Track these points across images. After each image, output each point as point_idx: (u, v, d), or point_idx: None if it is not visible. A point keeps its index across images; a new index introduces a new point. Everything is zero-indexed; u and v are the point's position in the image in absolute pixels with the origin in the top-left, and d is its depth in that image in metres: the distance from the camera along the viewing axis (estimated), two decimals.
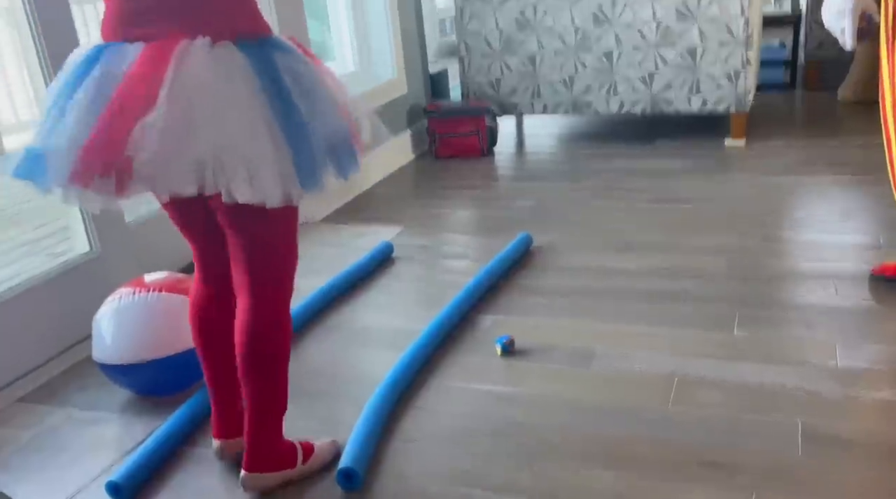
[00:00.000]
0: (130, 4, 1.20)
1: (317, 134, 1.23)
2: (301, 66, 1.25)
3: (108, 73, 1.16)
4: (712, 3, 3.27)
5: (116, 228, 2.19)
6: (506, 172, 3.58)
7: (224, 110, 1.14)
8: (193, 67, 1.13)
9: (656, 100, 3.50)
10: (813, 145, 3.38)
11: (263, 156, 1.16)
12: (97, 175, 1.12)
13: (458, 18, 3.73)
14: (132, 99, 1.11)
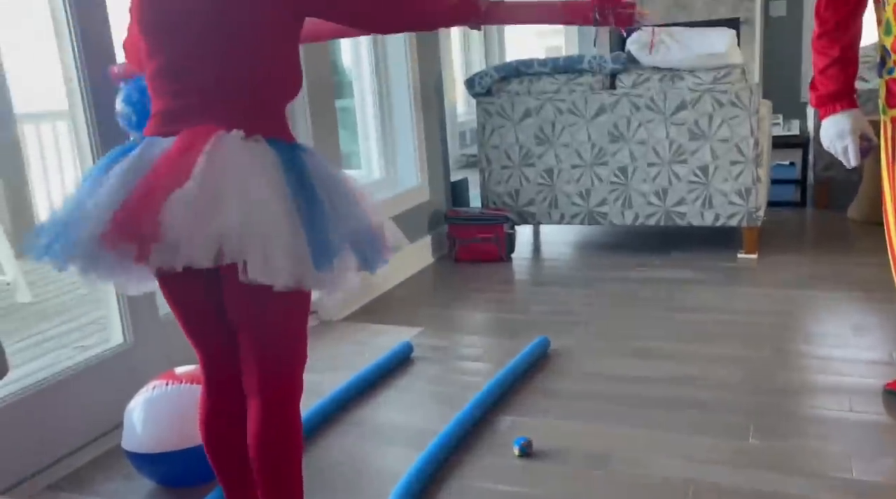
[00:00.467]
0: (176, 103, 1.32)
1: (338, 225, 1.29)
2: (327, 168, 1.35)
3: (144, 156, 1.26)
4: (723, 124, 3.45)
5: (150, 322, 2.28)
6: (523, 277, 3.68)
7: (249, 190, 1.21)
8: (225, 151, 1.23)
9: (670, 213, 3.63)
10: (824, 262, 3.46)
11: (280, 235, 1.21)
12: (122, 240, 1.17)
13: (479, 133, 3.93)
14: (165, 175, 1.19)
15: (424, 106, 3.86)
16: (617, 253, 3.89)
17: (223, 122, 1.27)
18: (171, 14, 1.32)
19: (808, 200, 4.51)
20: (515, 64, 3.86)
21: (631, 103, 3.60)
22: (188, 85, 1.32)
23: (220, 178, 1.19)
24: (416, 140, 3.81)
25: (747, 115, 3.41)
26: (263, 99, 1.34)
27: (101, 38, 2.12)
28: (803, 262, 3.49)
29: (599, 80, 3.69)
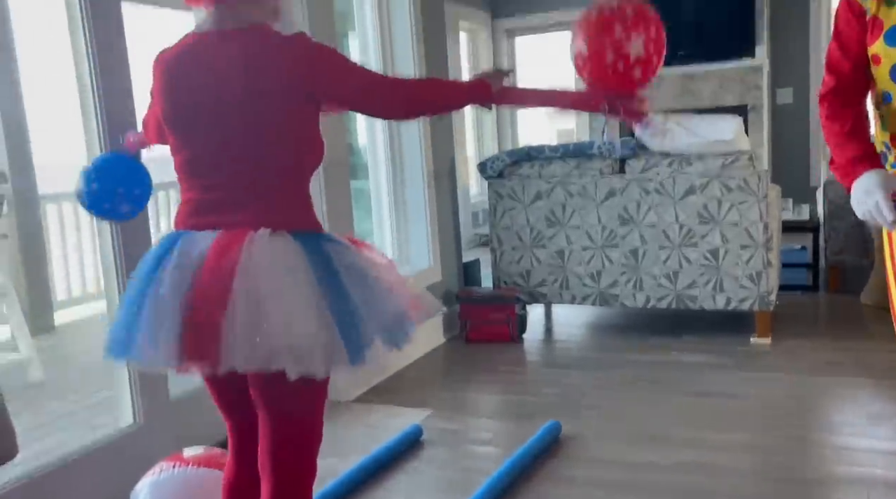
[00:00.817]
0: (206, 196, 1.40)
1: (367, 315, 1.37)
2: (351, 255, 1.42)
3: (184, 262, 1.34)
4: (732, 209, 3.49)
5: (160, 402, 2.28)
6: (534, 359, 3.66)
7: (285, 300, 1.30)
8: (257, 261, 1.31)
9: (681, 296, 3.63)
10: (838, 347, 3.43)
11: (316, 341, 1.30)
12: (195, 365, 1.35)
13: (491, 214, 3.99)
14: (209, 298, 1.30)
15: (437, 187, 3.94)
16: (629, 335, 3.87)
17: (251, 216, 1.36)
18: (196, 111, 1.40)
19: (820, 285, 4.50)
20: (527, 149, 3.95)
21: (640, 187, 3.66)
22: (215, 179, 1.40)
23: (256, 293, 1.29)
24: (428, 221, 3.88)
25: (756, 201, 3.45)
26: (288, 186, 1.42)
27: (124, 118, 2.21)
28: (817, 347, 3.46)
29: (609, 164, 3.76)
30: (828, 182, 4.50)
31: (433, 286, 3.88)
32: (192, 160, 1.43)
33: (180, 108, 1.42)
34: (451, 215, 4.15)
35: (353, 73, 1.43)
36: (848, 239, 4.34)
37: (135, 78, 2.26)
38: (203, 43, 1.41)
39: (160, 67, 1.46)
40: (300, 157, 1.44)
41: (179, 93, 1.42)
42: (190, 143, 1.43)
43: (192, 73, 1.41)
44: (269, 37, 1.40)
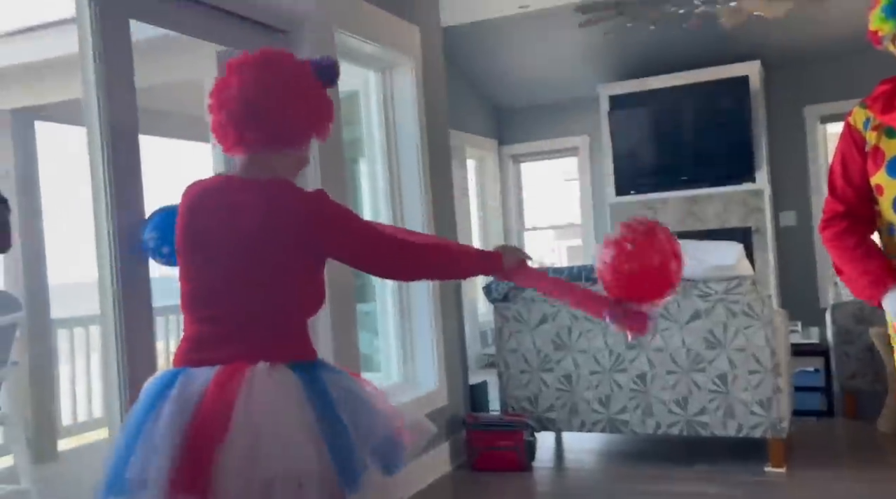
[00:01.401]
0: (209, 329, 1.46)
1: (360, 443, 1.41)
2: (346, 381, 1.49)
3: (183, 398, 1.38)
4: (738, 334, 3.48)
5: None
6: (545, 489, 3.55)
7: (283, 437, 1.33)
8: (257, 395, 1.36)
9: (692, 423, 3.56)
10: (856, 478, 3.32)
11: (311, 472, 1.34)
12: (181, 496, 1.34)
13: (497, 337, 3.99)
14: (207, 431, 1.32)
15: (444, 310, 3.96)
16: (640, 464, 3.76)
17: (251, 350, 1.42)
18: (211, 245, 1.50)
19: (835, 410, 4.40)
20: None
21: None
22: (218, 312, 1.47)
23: (256, 428, 1.35)
24: (435, 343, 3.87)
25: (761, 325, 3.45)
26: (288, 324, 1.50)
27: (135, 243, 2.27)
28: (835, 477, 3.34)
29: None
30: (835, 305, 4.50)
31: (439, 410, 3.82)
32: (197, 291, 1.51)
33: (197, 240, 1.52)
34: (458, 338, 4.14)
35: (362, 237, 1.54)
36: (860, 364, 4.29)
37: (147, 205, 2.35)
38: (229, 185, 1.56)
39: (187, 198, 1.59)
40: (302, 300, 1.52)
41: (198, 225, 1.54)
42: (200, 273, 1.51)
43: (213, 209, 1.53)
44: (291, 190, 1.53)
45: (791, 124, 6.58)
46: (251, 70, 1.53)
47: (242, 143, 1.54)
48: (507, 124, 7.56)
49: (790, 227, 6.61)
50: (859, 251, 1.73)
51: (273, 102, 1.51)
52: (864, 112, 1.75)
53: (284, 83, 1.53)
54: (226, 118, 1.53)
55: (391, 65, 3.80)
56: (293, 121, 1.54)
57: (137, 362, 2.23)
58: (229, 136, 1.55)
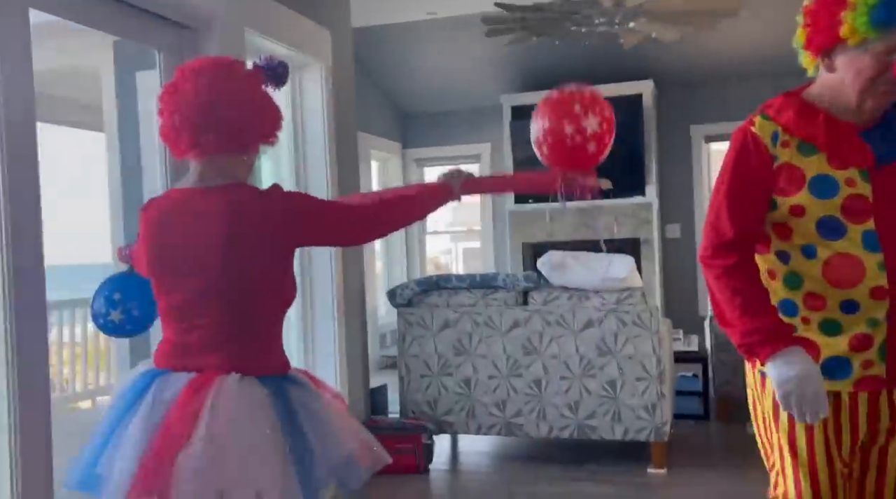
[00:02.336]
0: (184, 339, 1.53)
1: (322, 457, 1.50)
2: (312, 399, 1.56)
3: (156, 401, 1.47)
4: (628, 343, 3.68)
5: None
6: (441, 492, 3.63)
7: (246, 448, 1.40)
8: (223, 406, 1.43)
9: (582, 426, 3.73)
10: (729, 476, 3.58)
11: (273, 483, 1.42)
12: (143, 495, 1.39)
13: (399, 342, 4.04)
14: (174, 435, 1.40)
15: (347, 312, 3.98)
16: (533, 465, 3.91)
17: (226, 361, 1.51)
18: (180, 260, 1.55)
19: (710, 413, 4.71)
20: (435, 278, 4.08)
21: (542, 319, 3.82)
22: (195, 322, 1.55)
23: (219, 435, 1.41)
24: (337, 347, 3.88)
25: (649, 335, 3.66)
26: (263, 328, 1.56)
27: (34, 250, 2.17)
28: (711, 477, 3.60)
29: (513, 296, 3.92)
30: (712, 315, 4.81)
31: None
32: (174, 304, 1.57)
33: (166, 257, 1.57)
34: (360, 342, 4.17)
35: (326, 215, 1.62)
36: (734, 371, 4.61)
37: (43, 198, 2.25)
38: (189, 197, 1.60)
39: (148, 218, 1.64)
40: (276, 299, 1.60)
41: (165, 242, 1.59)
42: (174, 287, 1.58)
43: (177, 224, 1.58)
44: (250, 191, 1.60)
45: (678, 142, 6.98)
46: (206, 77, 1.57)
47: (198, 146, 1.58)
48: (411, 128, 7.63)
49: (675, 239, 7.01)
50: (751, 300, 1.54)
51: (230, 109, 1.57)
52: (770, 125, 1.58)
53: (240, 90, 1.59)
54: (179, 122, 1.57)
55: (300, 66, 3.78)
56: (249, 127, 1.61)
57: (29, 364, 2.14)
58: (183, 139, 1.58)
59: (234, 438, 1.41)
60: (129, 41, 3.53)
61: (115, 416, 1.49)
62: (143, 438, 1.42)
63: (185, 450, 1.38)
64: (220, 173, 1.60)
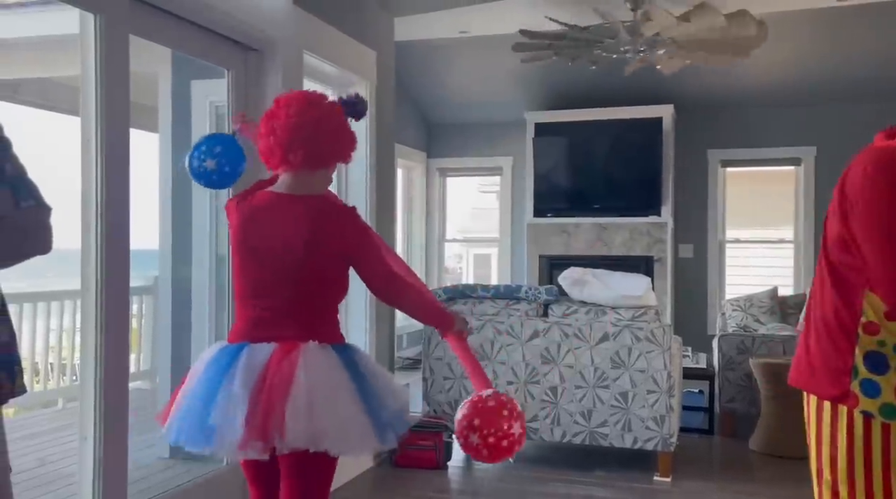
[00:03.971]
0: (263, 315, 1.89)
1: (383, 408, 1.85)
2: (372, 363, 1.98)
3: (251, 366, 1.80)
4: (640, 357, 3.92)
5: None
6: (458, 487, 3.88)
7: (333, 396, 1.78)
8: (311, 365, 1.79)
9: (594, 433, 3.98)
10: (729, 489, 3.81)
11: (354, 424, 1.79)
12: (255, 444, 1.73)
13: (425, 345, 4.29)
14: (275, 391, 1.75)
15: (378, 321, 4.24)
16: (545, 467, 4.15)
17: (299, 332, 1.86)
18: (264, 252, 1.91)
19: (715, 428, 4.94)
20: (461, 287, 4.33)
21: (561, 331, 4.06)
22: (267, 303, 1.90)
23: (313, 390, 1.77)
24: (367, 348, 4.13)
25: (661, 351, 3.90)
26: (324, 313, 1.94)
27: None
28: (712, 489, 3.83)
29: (534, 307, 4.17)
30: (722, 335, 5.05)
31: None
32: (250, 287, 1.92)
33: (252, 247, 1.91)
34: (388, 343, 4.42)
35: (377, 258, 1.97)
36: (739, 389, 4.85)
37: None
38: (278, 200, 1.95)
39: (241, 209, 1.97)
40: (334, 293, 1.97)
41: (254, 232, 1.93)
42: (255, 270, 1.92)
43: (266, 220, 1.93)
44: (330, 205, 1.95)
45: (695, 165, 7.21)
46: (297, 107, 1.92)
47: (286, 162, 1.94)
48: (436, 139, 7.89)
49: (687, 258, 7.24)
50: None
51: (313, 133, 1.92)
52: None
53: (322, 119, 1.94)
54: (274, 143, 1.93)
55: (347, 84, 4.05)
56: (327, 149, 1.96)
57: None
58: (276, 156, 1.95)
59: (324, 390, 1.76)
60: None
61: (210, 380, 1.81)
62: (246, 395, 1.74)
63: (289, 401, 1.71)
64: (303, 185, 1.96)
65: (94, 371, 2.37)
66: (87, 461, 2.35)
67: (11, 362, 1.60)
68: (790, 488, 3.81)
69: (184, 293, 3.95)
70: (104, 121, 2.38)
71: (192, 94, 4.05)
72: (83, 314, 2.41)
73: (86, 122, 2.39)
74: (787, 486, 3.84)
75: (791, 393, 4.77)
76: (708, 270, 7.16)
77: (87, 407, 2.37)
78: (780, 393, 4.42)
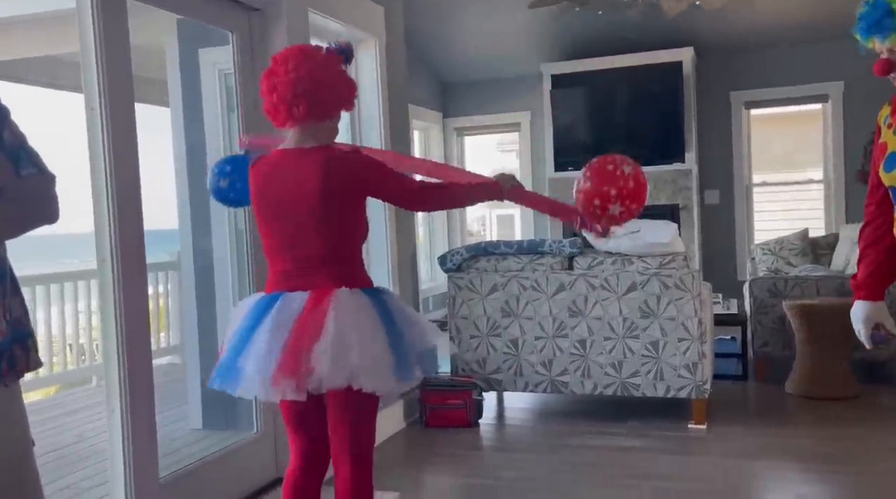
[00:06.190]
0: (292, 267, 1.97)
1: (411, 346, 1.96)
2: (399, 303, 2.05)
3: (285, 312, 1.90)
4: (670, 305, 3.84)
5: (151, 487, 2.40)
6: (490, 444, 3.86)
7: (363, 337, 1.86)
8: (342, 309, 1.87)
9: (626, 384, 3.93)
10: (766, 433, 3.75)
11: (381, 362, 1.88)
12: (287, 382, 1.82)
13: (450, 305, 4.25)
14: (307, 333, 1.85)
15: (401, 282, 4.19)
16: (577, 421, 4.12)
17: (329, 279, 1.93)
18: (282, 205, 1.97)
19: (749, 374, 4.87)
20: (484, 245, 4.27)
21: (587, 283, 3.99)
22: (295, 255, 1.97)
23: (343, 331, 1.85)
24: None
25: (691, 298, 3.82)
26: (350, 259, 2.00)
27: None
28: (748, 433, 3.77)
29: (559, 261, 4.10)
30: (753, 279, 4.95)
31: None
32: (275, 244, 2.00)
33: (272, 203, 1.98)
34: (413, 305, 4.38)
35: (395, 182, 2.03)
36: (772, 333, 4.76)
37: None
38: (289, 156, 2.00)
39: (256, 172, 2.04)
40: (357, 236, 2.03)
41: (271, 191, 1.98)
42: (277, 229, 1.99)
43: (281, 177, 1.98)
44: (338, 152, 2.00)
45: (718, 108, 7.02)
46: (294, 61, 1.94)
47: (291, 117, 1.97)
48: (451, 97, 7.77)
49: (714, 205, 7.09)
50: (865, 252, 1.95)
51: (316, 85, 1.94)
52: (886, 109, 1.83)
53: (320, 69, 1.96)
54: (277, 100, 1.95)
55: (356, 41, 3.95)
56: (329, 97, 1.99)
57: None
58: (280, 113, 1.97)
59: (354, 331, 1.84)
60: (193, 20, 3.73)
61: (246, 328, 1.91)
62: (280, 336, 1.84)
63: (319, 341, 1.81)
64: (311, 137, 2.00)
65: (116, 347, 2.36)
66: (117, 434, 2.35)
67: (24, 336, 1.59)
68: (829, 428, 3.74)
69: (206, 268, 3.94)
70: (108, 95, 2.34)
71: (201, 63, 3.98)
72: (101, 292, 2.39)
73: (89, 96, 2.34)
74: (826, 427, 3.77)
75: (826, 334, 4.68)
76: (735, 216, 7.01)
77: (113, 382, 2.36)
78: (815, 335, 4.32)
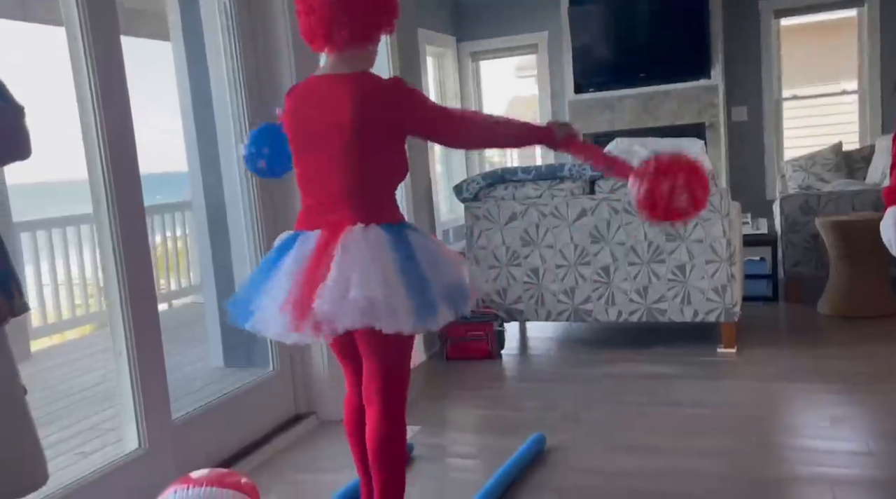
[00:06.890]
0: (319, 200, 1.88)
1: (435, 284, 1.80)
2: (427, 241, 1.91)
3: (300, 253, 1.84)
4: (697, 226, 3.68)
5: (163, 427, 2.36)
6: (513, 374, 3.79)
7: (370, 275, 1.74)
8: (350, 248, 1.77)
9: (651, 310, 3.80)
10: (799, 355, 3.63)
11: (393, 301, 1.74)
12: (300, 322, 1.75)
13: (468, 235, 4.12)
14: (315, 273, 1.77)
15: (416, 213, 4.06)
16: (602, 349, 4.03)
17: (352, 216, 1.83)
18: (314, 133, 1.87)
19: (779, 295, 4.72)
20: (500, 172, 4.11)
21: (610, 207, 3.83)
22: (322, 188, 1.88)
23: (350, 270, 1.75)
24: None
25: (719, 218, 3.65)
26: (380, 195, 1.88)
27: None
28: (780, 355, 3.65)
29: (579, 185, 3.93)
30: (783, 197, 4.74)
31: None
32: (304, 174, 1.91)
33: (303, 130, 1.89)
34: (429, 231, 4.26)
35: (436, 113, 1.90)
36: (804, 252, 4.58)
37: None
38: (323, 82, 1.89)
39: (290, 98, 1.93)
40: (390, 172, 1.90)
41: (303, 117, 1.89)
42: (309, 159, 1.89)
43: (314, 104, 1.88)
44: (375, 80, 1.87)
45: (746, 19, 6.64)
46: None
47: (332, 43, 1.86)
48: (465, 20, 7.45)
49: (742, 122, 6.79)
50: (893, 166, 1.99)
51: (356, 8, 1.83)
52: None
53: None
54: (315, 22, 1.84)
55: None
56: (371, 21, 1.86)
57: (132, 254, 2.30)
58: (318, 37, 1.86)
59: (358, 270, 1.73)
60: None
61: (265, 269, 1.88)
62: (291, 279, 1.78)
63: (321, 286, 1.72)
64: (349, 64, 1.88)
65: (119, 291, 2.27)
66: (125, 376, 2.29)
67: (6, 280, 1.49)
68: (865, 346, 3.61)
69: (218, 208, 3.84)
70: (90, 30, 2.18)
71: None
72: (99, 235, 2.30)
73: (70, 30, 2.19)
74: (861, 346, 3.64)
75: (862, 250, 4.50)
76: (764, 132, 6.72)
77: (117, 325, 2.29)
78: (849, 252, 4.14)
